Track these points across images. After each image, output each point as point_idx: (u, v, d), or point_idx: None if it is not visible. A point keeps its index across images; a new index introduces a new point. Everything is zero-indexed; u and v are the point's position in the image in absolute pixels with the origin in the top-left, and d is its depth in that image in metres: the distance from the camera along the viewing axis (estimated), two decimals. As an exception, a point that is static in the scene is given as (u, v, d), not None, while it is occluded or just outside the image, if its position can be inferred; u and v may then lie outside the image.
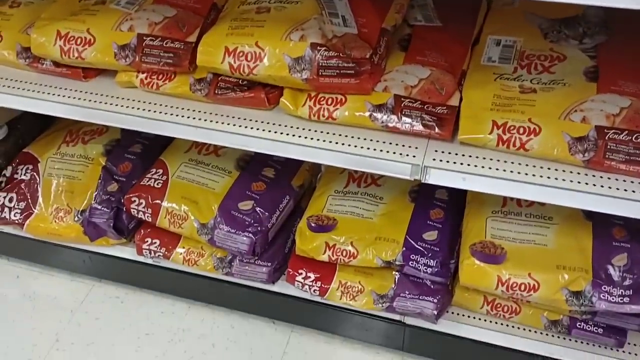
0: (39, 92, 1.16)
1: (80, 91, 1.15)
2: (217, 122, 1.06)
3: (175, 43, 1.08)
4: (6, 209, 1.47)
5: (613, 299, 1.04)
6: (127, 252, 1.45)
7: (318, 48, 0.99)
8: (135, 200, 1.35)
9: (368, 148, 1.00)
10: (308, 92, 1.05)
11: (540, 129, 0.92)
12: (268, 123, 1.06)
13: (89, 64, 1.12)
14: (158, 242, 1.38)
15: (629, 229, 1.13)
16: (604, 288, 1.05)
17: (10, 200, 1.48)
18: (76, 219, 1.43)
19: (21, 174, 1.51)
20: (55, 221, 1.45)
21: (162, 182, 1.36)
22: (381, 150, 0.99)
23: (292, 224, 1.37)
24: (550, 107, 0.94)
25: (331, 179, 1.36)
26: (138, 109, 1.10)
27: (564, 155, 0.91)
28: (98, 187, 1.44)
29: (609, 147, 0.89)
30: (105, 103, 1.12)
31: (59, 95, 1.15)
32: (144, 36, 1.09)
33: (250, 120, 1.06)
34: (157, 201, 1.33)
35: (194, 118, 1.08)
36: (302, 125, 1.05)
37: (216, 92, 1.07)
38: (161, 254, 1.38)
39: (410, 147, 1.00)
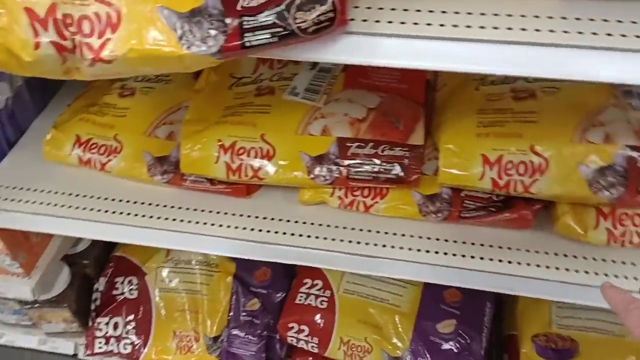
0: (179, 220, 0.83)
1: (242, 215, 0.83)
2: (470, 256, 0.75)
3: (396, 149, 0.76)
4: (112, 340, 1.15)
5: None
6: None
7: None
8: (293, 327, 1.04)
9: None
10: (599, 210, 0.74)
11: None
12: (538, 252, 0.75)
13: (271, 182, 0.79)
14: (327, 376, 1.07)
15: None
16: None
17: (115, 327, 1.16)
18: (209, 348, 1.11)
19: (123, 290, 1.18)
20: (180, 352, 1.13)
21: (326, 299, 1.05)
22: None
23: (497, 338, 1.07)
24: None
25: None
26: (342, 240, 0.78)
27: None
28: (233, 306, 1.12)
29: None
30: (284, 234, 0.80)
31: (209, 224, 0.82)
32: (348, 142, 0.76)
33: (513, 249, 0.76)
34: (326, 327, 1.02)
35: (427, 252, 0.76)
36: (593, 254, 0.74)
37: (462, 214, 0.76)
38: (332, 392, 1.07)
39: None
